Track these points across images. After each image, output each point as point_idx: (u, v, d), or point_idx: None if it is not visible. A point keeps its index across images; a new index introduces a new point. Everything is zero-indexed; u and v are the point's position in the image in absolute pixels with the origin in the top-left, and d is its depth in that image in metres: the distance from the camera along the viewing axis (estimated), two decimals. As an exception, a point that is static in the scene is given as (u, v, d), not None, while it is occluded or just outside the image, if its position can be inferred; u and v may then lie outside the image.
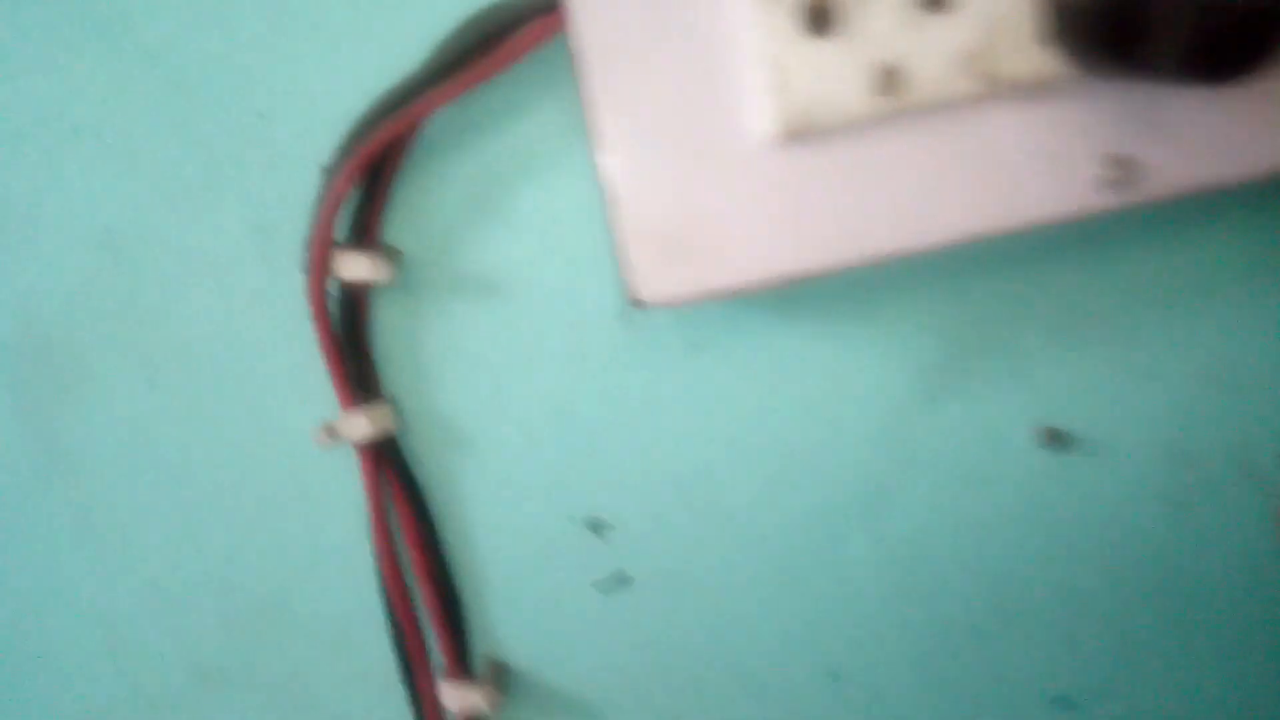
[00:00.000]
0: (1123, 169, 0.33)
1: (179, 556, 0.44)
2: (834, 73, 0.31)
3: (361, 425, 0.40)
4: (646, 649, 0.45)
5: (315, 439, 0.41)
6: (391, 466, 0.42)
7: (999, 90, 0.31)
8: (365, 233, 0.40)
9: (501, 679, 0.45)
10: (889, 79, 0.31)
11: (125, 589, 0.44)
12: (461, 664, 0.44)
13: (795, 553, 0.44)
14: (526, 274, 0.41)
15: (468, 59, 0.37)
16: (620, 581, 0.44)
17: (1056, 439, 0.42)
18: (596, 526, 0.44)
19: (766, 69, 0.31)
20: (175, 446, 0.42)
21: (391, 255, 0.40)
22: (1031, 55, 0.31)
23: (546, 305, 0.41)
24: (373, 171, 0.39)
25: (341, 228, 0.39)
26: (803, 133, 0.32)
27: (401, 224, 0.40)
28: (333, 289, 0.40)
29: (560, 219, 0.40)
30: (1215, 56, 0.26)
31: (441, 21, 0.38)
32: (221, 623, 0.45)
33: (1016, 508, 0.43)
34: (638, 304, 0.34)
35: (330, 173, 0.39)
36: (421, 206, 0.40)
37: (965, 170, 0.33)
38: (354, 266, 0.39)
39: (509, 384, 0.42)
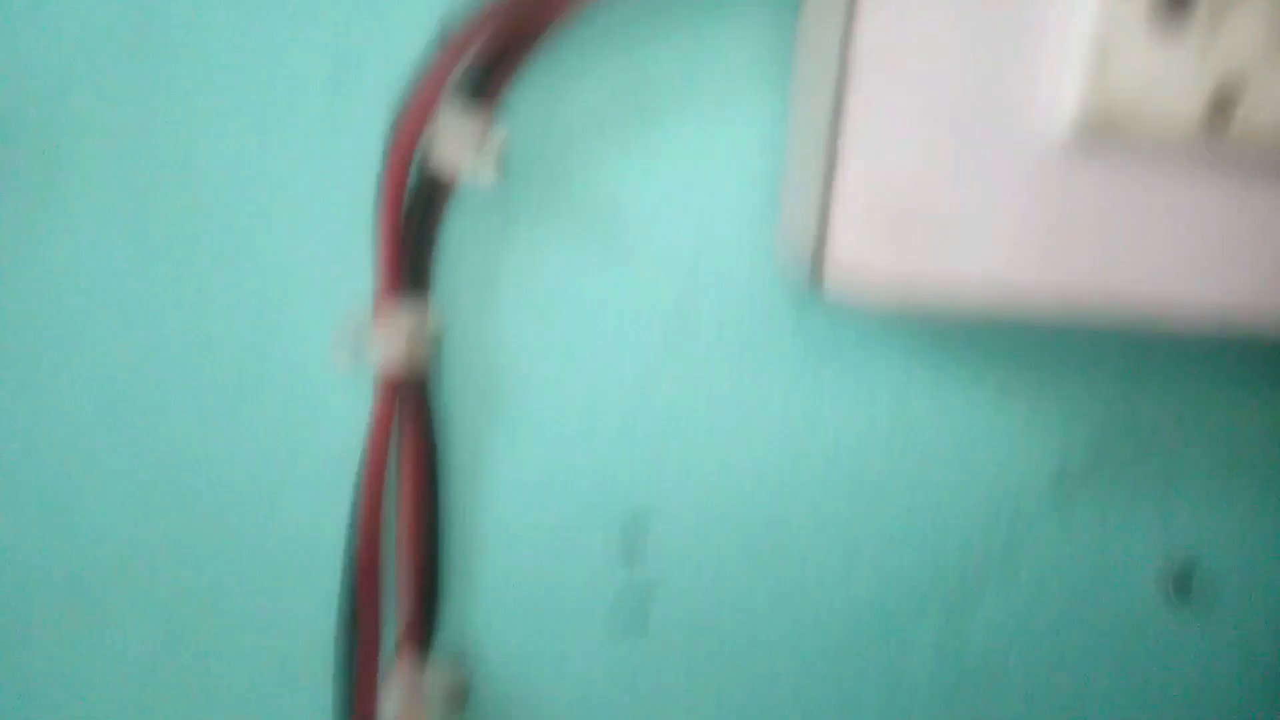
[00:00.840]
0: None
1: (111, 424, 0.34)
2: (1167, 77, 0.25)
3: (395, 340, 0.32)
4: (646, 699, 0.37)
5: (334, 343, 0.32)
6: (412, 396, 0.33)
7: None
8: (473, 113, 0.32)
9: (459, 696, 0.36)
10: (1223, 104, 0.25)
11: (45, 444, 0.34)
12: (418, 659, 0.36)
13: (850, 628, 0.37)
14: (649, 214, 0.33)
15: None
16: (638, 613, 0.36)
17: (1181, 587, 0.36)
18: (631, 530, 0.36)
19: (1090, 49, 0.24)
20: (141, 292, 0.33)
21: (495, 149, 0.32)
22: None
23: (660, 257, 0.33)
24: (508, 37, 0.31)
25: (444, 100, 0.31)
26: (1102, 133, 0.25)
27: (518, 116, 0.32)
28: (412, 170, 0.31)
29: (714, 159, 0.33)
30: None
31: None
32: (145, 516, 0.35)
33: (1116, 649, 0.37)
34: (819, 281, 0.27)
35: (456, 25, 0.30)
36: (550, 99, 0.32)
37: (1266, 241, 0.26)
38: (453, 145, 0.30)
39: (582, 337, 0.34)
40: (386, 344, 0.32)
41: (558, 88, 0.32)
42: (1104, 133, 0.25)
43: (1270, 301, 0.27)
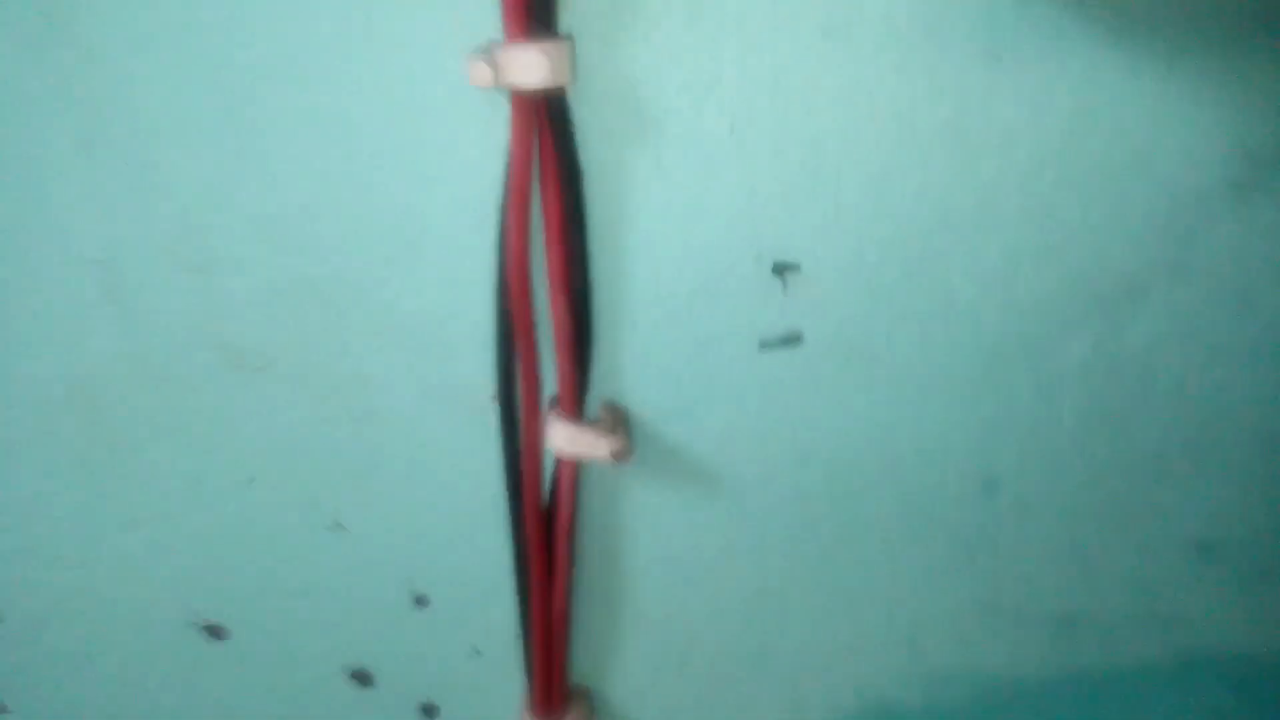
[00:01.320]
0: None
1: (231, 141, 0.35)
2: None
3: (531, 66, 0.31)
4: (798, 423, 0.38)
5: (471, 71, 0.31)
6: (550, 128, 0.33)
7: None
8: None
9: (621, 426, 0.37)
10: None
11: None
12: (578, 397, 0.37)
13: (1005, 341, 0.36)
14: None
15: None
16: (788, 341, 0.36)
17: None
18: (783, 269, 0.35)
19: None
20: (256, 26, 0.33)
21: None
22: None
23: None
24: None
25: None
26: None
27: None
28: None
29: None
30: None
31: None
32: (288, 266, 0.36)
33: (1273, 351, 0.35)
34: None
35: None
36: None
37: None
38: None
39: (727, 47, 0.32)
40: (523, 66, 0.31)
41: None
42: None
43: None
